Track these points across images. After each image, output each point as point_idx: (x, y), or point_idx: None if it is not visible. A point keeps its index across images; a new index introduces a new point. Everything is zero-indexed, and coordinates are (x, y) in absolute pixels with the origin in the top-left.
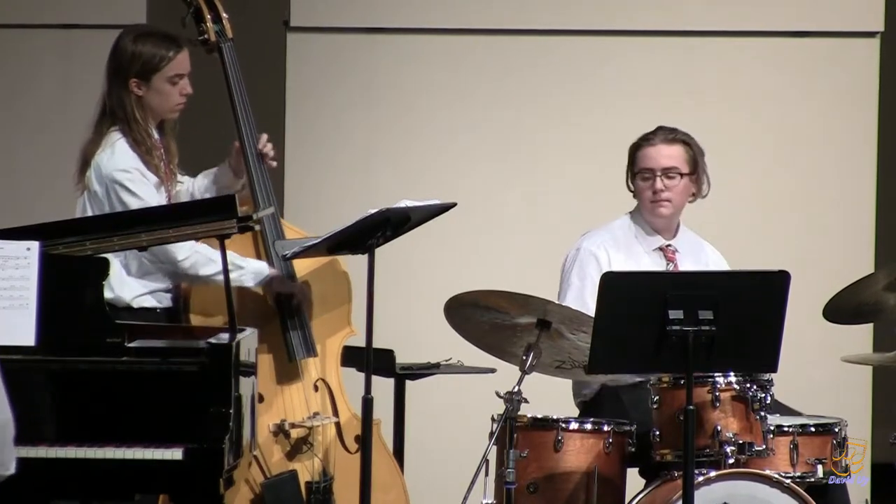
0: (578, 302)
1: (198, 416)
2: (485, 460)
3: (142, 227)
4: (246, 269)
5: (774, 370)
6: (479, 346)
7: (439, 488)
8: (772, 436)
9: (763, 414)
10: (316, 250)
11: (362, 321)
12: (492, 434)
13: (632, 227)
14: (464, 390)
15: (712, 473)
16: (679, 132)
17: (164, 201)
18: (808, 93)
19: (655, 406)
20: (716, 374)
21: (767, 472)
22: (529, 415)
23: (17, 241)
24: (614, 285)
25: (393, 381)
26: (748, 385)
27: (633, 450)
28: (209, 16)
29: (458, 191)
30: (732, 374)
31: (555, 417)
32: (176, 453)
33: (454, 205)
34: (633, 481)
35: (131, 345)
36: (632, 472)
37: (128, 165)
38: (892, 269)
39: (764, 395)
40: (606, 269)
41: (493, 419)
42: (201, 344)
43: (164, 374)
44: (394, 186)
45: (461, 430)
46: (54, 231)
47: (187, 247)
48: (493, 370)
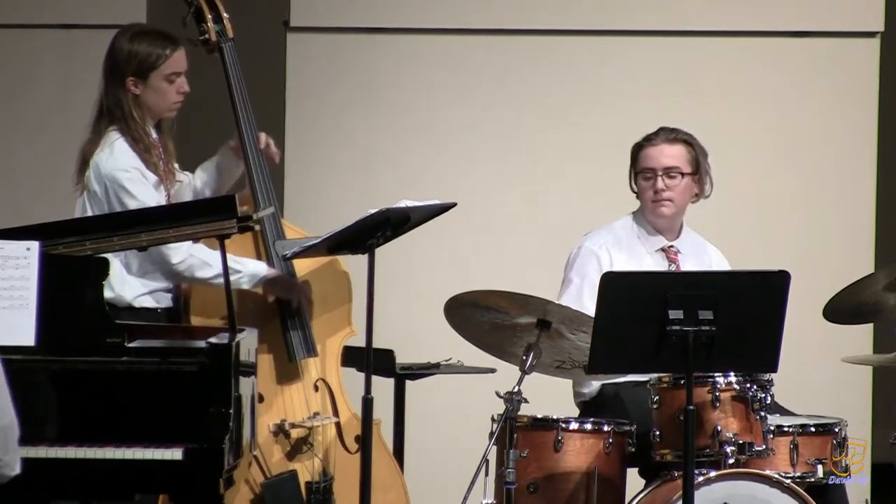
0: (575, 300)
1: (198, 416)
2: (485, 460)
3: (142, 227)
4: (243, 272)
5: (774, 370)
6: (479, 346)
7: (439, 488)
8: (772, 436)
9: (763, 414)
10: (316, 250)
11: (362, 321)
12: (492, 434)
13: (634, 228)
14: (464, 390)
15: (712, 473)
16: (681, 132)
17: (164, 200)
18: (808, 93)
19: (655, 406)
20: (716, 374)
21: (767, 472)
22: (529, 415)
23: (17, 241)
24: (614, 285)
25: (393, 381)
26: (748, 385)
27: (633, 450)
28: (210, 16)
29: (458, 191)
30: (732, 374)
31: (555, 417)
32: (176, 453)
33: (454, 205)
34: (633, 481)
35: (131, 345)
36: (632, 472)
37: (127, 165)
38: (892, 269)
39: (764, 395)
40: (607, 269)
41: (493, 419)
42: (201, 344)
43: (164, 374)
44: (394, 186)
45: (461, 430)
46: (54, 231)
47: (183, 250)
48: (493, 370)
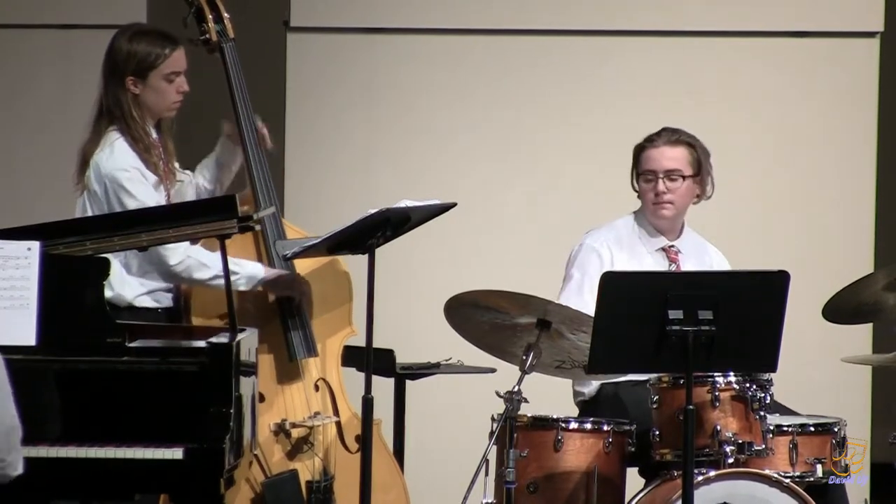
0: (576, 295)
1: (198, 415)
2: (485, 460)
3: (142, 227)
4: (241, 273)
5: (774, 370)
6: (479, 346)
7: (439, 488)
8: (771, 435)
9: (763, 414)
10: (316, 250)
11: (362, 321)
12: (492, 434)
13: (635, 228)
14: (464, 390)
15: (712, 473)
16: (683, 133)
17: (163, 200)
18: (807, 93)
19: (655, 406)
20: (715, 374)
21: (767, 471)
22: (529, 414)
23: (18, 241)
24: (614, 285)
25: (393, 381)
26: (748, 385)
27: (632, 449)
28: (211, 16)
29: (458, 191)
30: (732, 373)
31: (555, 417)
32: (176, 453)
33: (454, 205)
34: (633, 481)
35: (132, 345)
36: (632, 472)
37: (127, 164)
38: (892, 269)
39: (763, 395)
40: (608, 266)
41: (493, 419)
42: (202, 344)
43: (164, 374)
44: (394, 186)
45: (461, 430)
46: (54, 231)
47: (181, 251)
48: (493, 370)
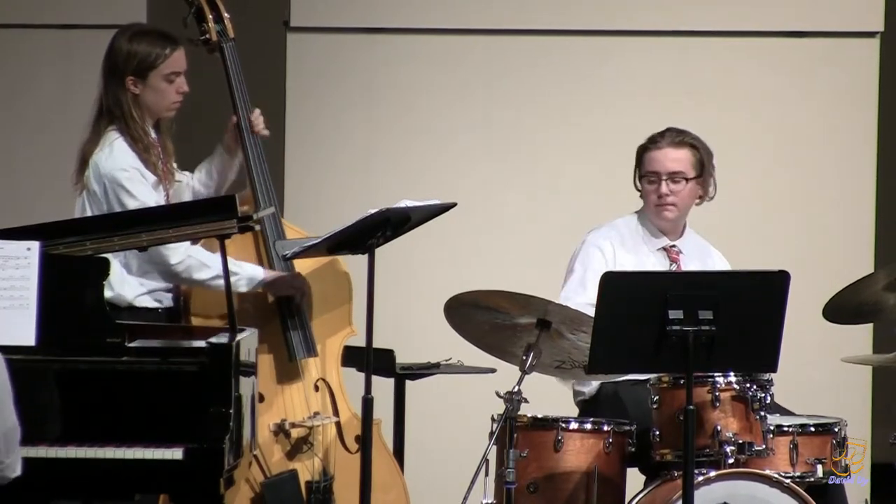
0: (579, 288)
1: (198, 416)
2: (485, 460)
3: (142, 227)
4: (241, 274)
5: (774, 370)
6: (479, 346)
7: (439, 488)
8: (771, 435)
9: (763, 414)
10: (316, 250)
11: (362, 321)
12: (492, 434)
13: (638, 227)
14: (464, 390)
15: (712, 473)
16: (687, 135)
17: (163, 200)
18: (807, 93)
19: (655, 406)
20: (716, 374)
21: (767, 471)
22: (529, 415)
23: (18, 241)
24: (614, 285)
25: (393, 381)
26: (748, 385)
27: (632, 449)
28: (211, 16)
29: (458, 191)
30: (732, 374)
31: (555, 417)
32: (176, 453)
33: (454, 205)
34: (633, 481)
35: (131, 345)
36: (632, 472)
37: (126, 164)
38: (891, 269)
39: (764, 395)
40: (610, 261)
41: (493, 419)
42: (201, 344)
43: (164, 374)
44: (394, 186)
45: (461, 430)
46: (54, 231)
47: (181, 251)
48: (493, 370)
